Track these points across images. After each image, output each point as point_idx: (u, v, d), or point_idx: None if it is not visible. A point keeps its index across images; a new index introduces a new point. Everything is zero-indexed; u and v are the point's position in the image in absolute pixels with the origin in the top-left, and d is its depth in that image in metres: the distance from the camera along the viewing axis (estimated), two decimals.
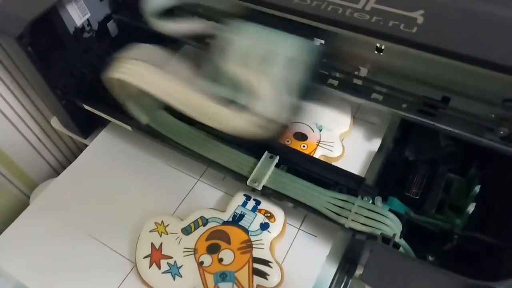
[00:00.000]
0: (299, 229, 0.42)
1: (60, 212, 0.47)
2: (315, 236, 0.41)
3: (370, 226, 0.36)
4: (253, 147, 0.43)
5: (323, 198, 0.39)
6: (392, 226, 0.36)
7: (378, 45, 0.40)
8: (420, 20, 0.36)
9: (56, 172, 0.67)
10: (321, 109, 0.50)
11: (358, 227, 0.37)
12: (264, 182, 0.40)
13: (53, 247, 0.44)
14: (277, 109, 0.35)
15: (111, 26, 0.55)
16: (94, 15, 0.52)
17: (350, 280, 0.43)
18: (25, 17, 0.42)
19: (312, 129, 0.49)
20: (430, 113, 0.41)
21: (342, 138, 0.48)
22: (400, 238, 0.36)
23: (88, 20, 0.52)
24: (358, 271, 0.42)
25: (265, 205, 0.43)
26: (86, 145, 0.54)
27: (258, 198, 0.43)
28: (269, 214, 0.42)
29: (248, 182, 0.40)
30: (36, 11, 0.43)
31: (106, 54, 0.54)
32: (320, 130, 0.49)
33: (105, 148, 0.53)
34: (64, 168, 0.53)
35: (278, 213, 0.42)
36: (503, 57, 0.33)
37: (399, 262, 0.33)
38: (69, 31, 0.50)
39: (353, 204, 0.38)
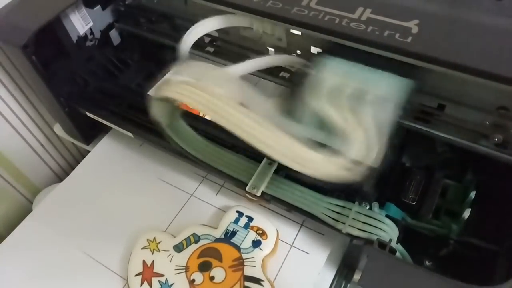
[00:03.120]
0: (291, 246, 0.42)
1: (57, 223, 0.47)
2: (308, 253, 0.42)
3: (367, 232, 0.37)
4: (251, 153, 0.44)
5: (321, 204, 0.39)
6: (389, 232, 0.37)
7: None
8: (415, 29, 0.37)
9: (59, 178, 0.68)
10: None
11: (355, 232, 0.37)
12: (263, 188, 0.41)
13: (47, 261, 0.44)
14: (369, 152, 0.32)
15: (113, 34, 0.56)
16: (97, 24, 0.53)
17: (349, 285, 0.43)
18: (29, 27, 0.43)
19: None
20: (426, 120, 0.41)
21: None
22: (397, 243, 0.37)
23: (90, 29, 0.53)
24: (356, 276, 0.42)
25: (257, 221, 0.43)
26: (88, 151, 0.55)
27: (251, 215, 0.43)
28: (261, 231, 0.42)
29: (247, 188, 0.41)
30: (40, 21, 0.43)
31: (108, 62, 0.55)
32: None
33: (106, 155, 0.53)
34: (67, 173, 0.53)
35: (271, 230, 0.42)
36: (496, 66, 0.34)
37: (395, 266, 0.34)
38: (72, 39, 0.51)
39: (351, 210, 0.38)
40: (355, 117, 0.33)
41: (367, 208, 0.39)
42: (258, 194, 0.41)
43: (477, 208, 0.40)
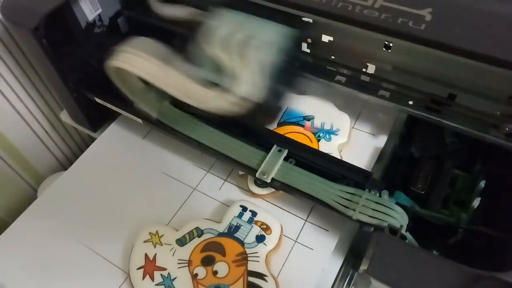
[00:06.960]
0: (295, 241, 0.42)
1: (60, 213, 0.47)
2: (312, 249, 0.41)
3: (377, 218, 0.37)
4: (262, 141, 0.44)
5: (331, 191, 0.39)
6: (399, 219, 0.37)
7: (386, 42, 0.41)
8: (428, 17, 0.37)
9: (63, 166, 0.67)
10: (320, 119, 0.50)
11: (365, 219, 0.37)
12: (272, 174, 0.41)
13: (48, 251, 0.44)
14: (253, 89, 0.37)
15: (122, 22, 0.56)
16: (106, 10, 0.53)
17: (355, 274, 0.43)
18: (40, 10, 0.43)
19: (311, 140, 0.49)
20: (436, 109, 0.41)
21: (340, 149, 0.48)
22: (406, 231, 0.37)
23: (99, 15, 0.53)
24: (363, 266, 0.42)
25: (261, 216, 0.42)
26: (92, 140, 0.55)
27: (255, 210, 0.43)
28: (265, 226, 0.42)
29: (257, 175, 0.41)
30: (51, 5, 0.43)
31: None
32: (319, 141, 0.48)
33: (110, 145, 0.53)
34: (70, 162, 0.53)
35: (275, 225, 0.42)
36: (509, 53, 0.34)
37: (406, 253, 0.34)
38: (81, 25, 0.51)
39: (361, 197, 0.38)
40: (242, 60, 0.39)
41: (377, 195, 0.39)
42: (268, 180, 0.40)
43: (487, 197, 0.40)
